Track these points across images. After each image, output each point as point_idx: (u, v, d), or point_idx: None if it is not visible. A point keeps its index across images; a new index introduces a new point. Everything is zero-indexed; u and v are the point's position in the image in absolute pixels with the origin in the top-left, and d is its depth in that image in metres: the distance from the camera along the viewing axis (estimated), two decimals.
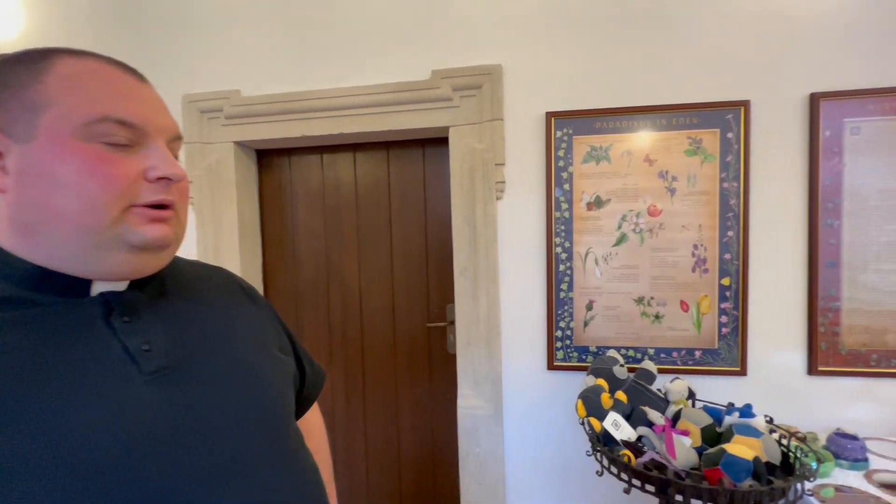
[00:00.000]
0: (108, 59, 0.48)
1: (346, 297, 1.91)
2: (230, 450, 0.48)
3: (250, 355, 0.57)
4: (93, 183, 0.43)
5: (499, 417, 1.60)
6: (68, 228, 0.43)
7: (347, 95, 1.64)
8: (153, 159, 0.47)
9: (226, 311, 0.59)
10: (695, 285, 1.48)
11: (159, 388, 0.46)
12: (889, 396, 1.40)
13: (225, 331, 0.56)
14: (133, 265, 0.47)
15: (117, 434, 0.41)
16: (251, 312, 0.64)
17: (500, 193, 1.58)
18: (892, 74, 1.36)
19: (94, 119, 0.43)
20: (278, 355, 0.63)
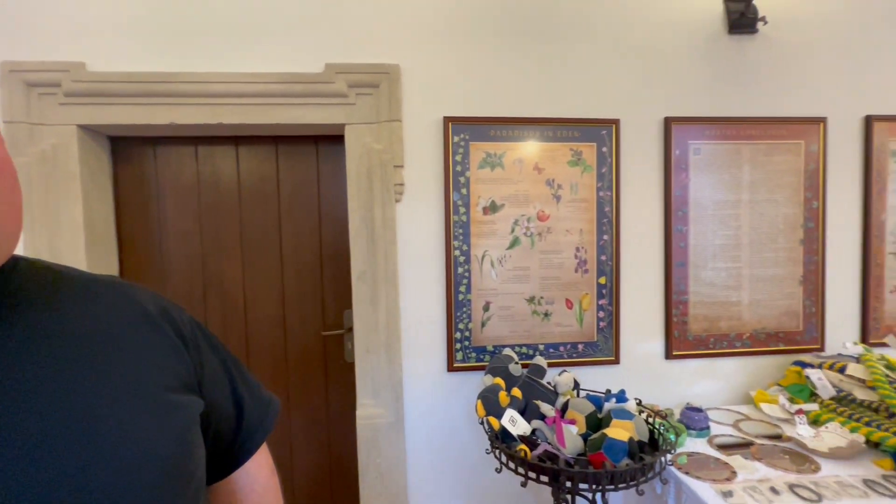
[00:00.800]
0: None
1: (228, 307, 1.71)
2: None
3: (112, 402, 0.42)
4: None
5: (400, 424, 1.57)
6: None
7: (229, 82, 1.47)
8: None
9: (95, 341, 0.44)
10: (577, 284, 1.62)
11: None
12: (723, 372, 1.69)
13: (82, 370, 0.41)
14: None
15: None
16: (143, 341, 0.47)
17: (398, 196, 1.55)
18: (720, 107, 1.65)
19: None
20: (170, 398, 0.47)
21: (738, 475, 1.19)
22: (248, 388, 0.61)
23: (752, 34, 1.65)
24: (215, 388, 0.55)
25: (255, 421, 0.61)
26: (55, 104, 1.44)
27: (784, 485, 1.14)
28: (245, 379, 0.61)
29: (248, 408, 0.60)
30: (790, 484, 1.14)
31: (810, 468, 1.21)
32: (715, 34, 1.64)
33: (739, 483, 1.16)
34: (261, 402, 0.62)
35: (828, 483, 1.14)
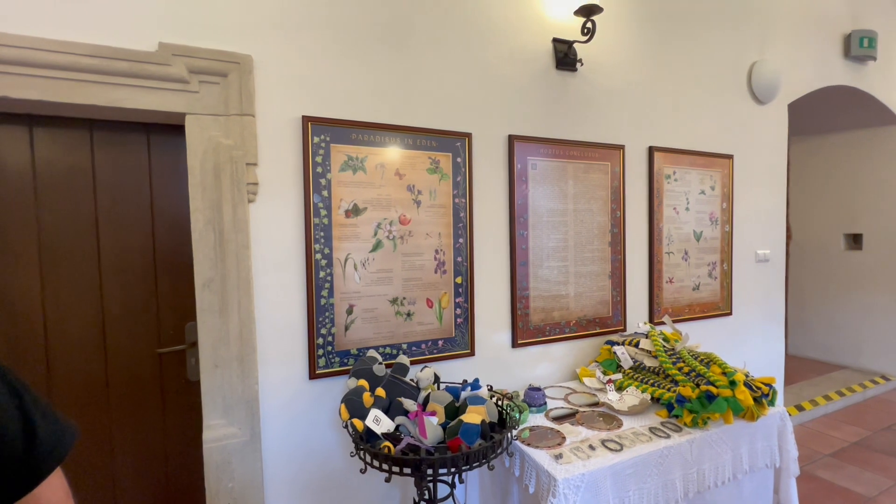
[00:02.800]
0: None
1: (18, 329, 1.36)
2: None
3: None
4: None
5: (256, 442, 1.46)
6: None
7: (21, 47, 1.18)
8: None
9: None
10: (437, 284, 1.73)
11: None
12: (557, 355, 1.99)
13: None
14: None
15: None
16: None
17: (252, 196, 1.45)
18: (553, 129, 1.95)
19: None
20: None
21: (566, 440, 1.42)
22: (40, 413, 0.59)
23: (574, 72, 1.98)
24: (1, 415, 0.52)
25: (48, 446, 0.59)
26: None
27: (598, 441, 1.40)
28: (36, 403, 0.59)
29: (41, 433, 0.58)
30: (602, 440, 1.41)
31: (616, 425, 1.51)
32: (546, 67, 1.93)
33: (567, 446, 1.38)
34: (56, 427, 0.60)
35: (626, 434, 1.44)
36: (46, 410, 0.60)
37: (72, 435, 0.62)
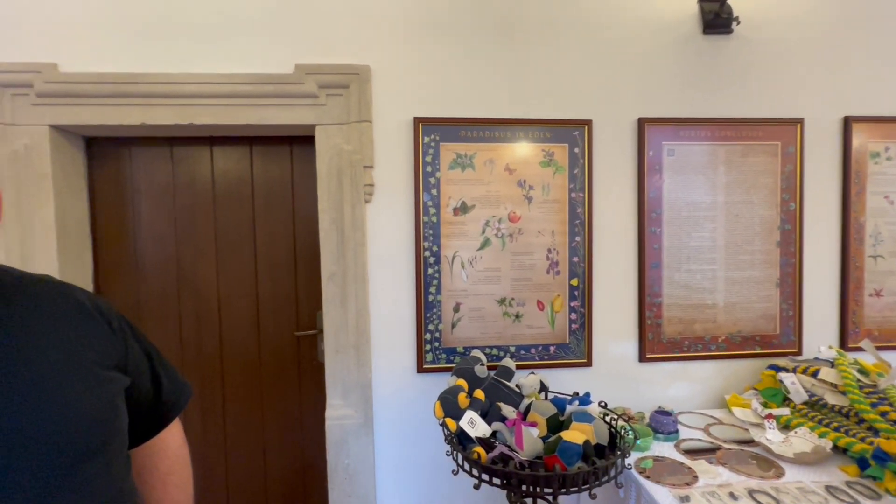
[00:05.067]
0: None
1: (202, 307, 1.71)
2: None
3: (54, 373, 0.54)
4: None
5: (369, 425, 1.57)
6: None
7: (199, 83, 1.48)
8: None
9: (39, 325, 0.57)
10: (549, 286, 1.61)
11: None
12: (697, 375, 1.67)
13: (28, 345, 0.54)
14: None
15: None
16: (78, 329, 0.60)
17: (368, 196, 1.55)
18: (695, 107, 1.64)
19: None
20: (100, 373, 0.60)
21: (699, 480, 1.17)
22: (166, 372, 0.75)
23: (727, 34, 1.63)
24: (137, 370, 0.68)
25: (171, 399, 0.75)
26: (28, 105, 1.46)
27: (744, 490, 1.12)
28: (163, 364, 0.75)
29: (166, 388, 0.74)
30: (750, 489, 1.12)
31: (774, 473, 1.19)
32: (689, 34, 1.63)
33: (699, 488, 1.14)
34: (177, 385, 0.77)
35: (789, 489, 1.12)
36: (170, 371, 0.77)
37: (188, 393, 0.80)
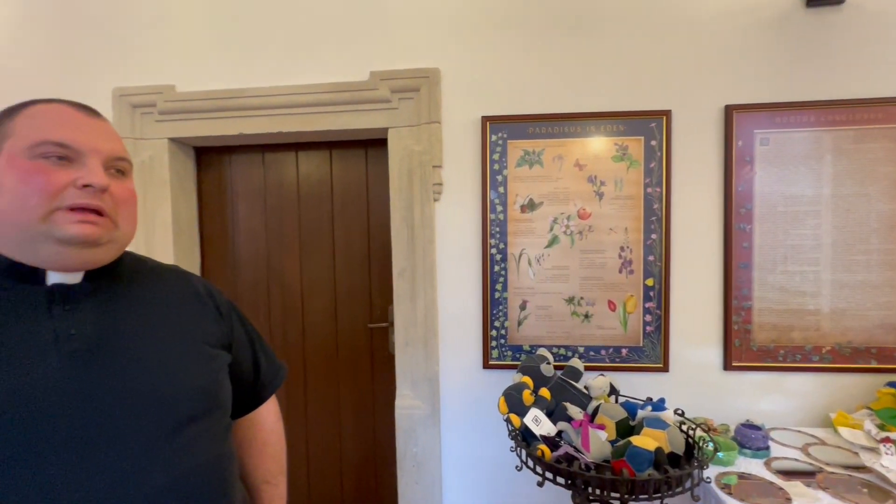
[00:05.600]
0: (69, 102, 0.62)
1: (287, 298, 1.88)
2: (110, 417, 0.56)
3: (172, 346, 0.65)
4: (24, 188, 0.55)
5: (436, 417, 1.62)
6: (6, 224, 0.56)
7: (286, 94, 1.63)
8: (83, 172, 0.57)
9: (165, 306, 0.68)
10: (621, 286, 1.54)
11: (73, 365, 0.56)
12: (795, 388, 1.50)
13: (156, 323, 0.65)
14: (64, 256, 0.57)
15: (21, 392, 0.52)
16: (191, 310, 0.71)
17: (437, 195, 1.60)
18: (795, 90, 1.47)
19: (37, 142, 0.56)
20: (208, 350, 0.69)
21: (792, 503, 1.06)
22: (265, 354, 0.85)
23: (837, 5, 1.44)
24: (240, 350, 0.78)
25: (268, 378, 0.86)
26: (152, 121, 1.71)
27: None
28: (263, 347, 0.85)
29: (264, 368, 0.84)
30: None
31: None
32: (789, 8, 1.47)
33: None
34: (273, 366, 0.87)
35: None
36: (268, 353, 0.86)
37: (283, 374, 0.90)
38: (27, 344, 0.55)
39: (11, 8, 1.73)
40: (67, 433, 0.53)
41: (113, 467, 0.54)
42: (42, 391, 0.53)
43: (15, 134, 0.57)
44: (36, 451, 0.51)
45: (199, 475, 0.62)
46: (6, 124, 0.58)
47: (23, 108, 0.60)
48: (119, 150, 0.63)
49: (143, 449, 0.57)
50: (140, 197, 1.70)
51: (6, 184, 0.55)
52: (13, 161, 0.56)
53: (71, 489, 0.52)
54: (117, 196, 0.61)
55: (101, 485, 0.53)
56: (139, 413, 0.58)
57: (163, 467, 0.58)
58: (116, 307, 0.63)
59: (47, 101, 0.61)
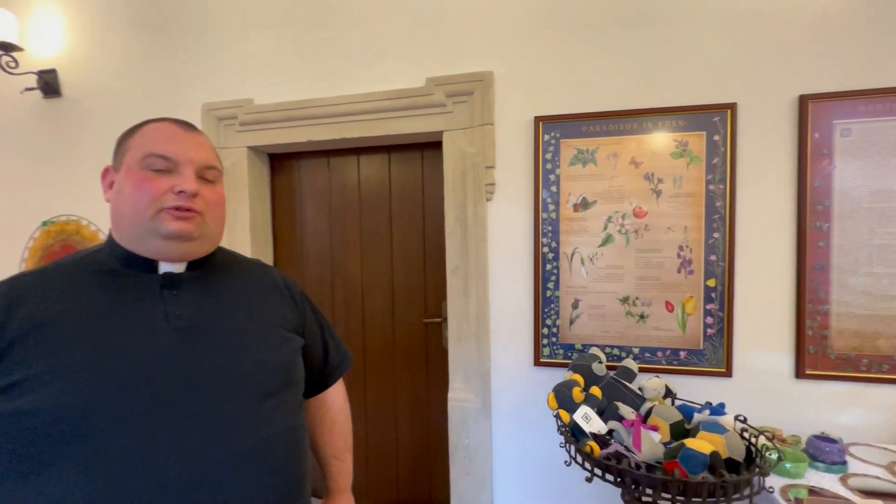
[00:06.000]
0: (173, 120, 0.74)
1: (349, 293, 2.01)
2: (207, 386, 0.66)
3: (254, 329, 0.75)
4: (137, 194, 0.67)
5: (487, 411, 1.66)
6: (126, 224, 0.68)
7: (348, 103, 1.75)
8: (179, 179, 0.68)
9: (249, 294, 0.79)
10: (680, 286, 1.50)
11: (179, 339, 0.67)
12: (880, 402, 1.37)
13: (242, 308, 0.76)
14: (168, 249, 0.69)
15: (137, 359, 0.63)
16: (271, 298, 0.82)
17: (489, 195, 1.64)
18: (883, 75, 1.35)
19: (145, 155, 0.68)
20: (284, 333, 0.79)
21: None
22: (333, 341, 0.95)
23: None
24: (312, 336, 0.88)
25: (336, 363, 0.95)
26: (234, 132, 1.91)
27: None
28: (332, 335, 0.95)
29: (332, 353, 0.94)
30: None
31: None
32: None
33: None
34: (340, 352, 0.97)
35: None
36: (336, 340, 0.96)
37: (349, 360, 0.99)
38: (144, 320, 0.66)
39: (120, 38, 2.01)
40: (173, 395, 0.63)
41: (208, 428, 0.63)
42: (156, 358, 0.64)
43: (132, 148, 0.69)
44: (147, 408, 0.61)
45: (277, 442, 0.71)
46: (127, 141, 0.71)
47: (139, 128, 0.72)
48: (209, 160, 0.73)
49: (232, 414, 0.66)
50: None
51: (125, 190, 0.68)
52: (129, 171, 0.68)
53: (173, 444, 0.61)
54: (207, 199, 0.71)
55: (198, 442, 0.62)
56: (229, 384, 0.67)
57: (248, 432, 0.67)
58: (212, 293, 0.74)
59: (157, 120, 0.73)
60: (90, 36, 2.06)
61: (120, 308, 0.66)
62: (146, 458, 0.59)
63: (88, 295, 0.66)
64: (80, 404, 0.57)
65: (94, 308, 0.64)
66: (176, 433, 0.61)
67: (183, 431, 0.62)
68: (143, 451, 0.59)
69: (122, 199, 0.68)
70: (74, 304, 0.64)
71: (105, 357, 0.61)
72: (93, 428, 0.57)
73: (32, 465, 0.55)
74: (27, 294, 0.63)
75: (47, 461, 0.55)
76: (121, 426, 0.59)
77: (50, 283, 0.66)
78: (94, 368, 0.60)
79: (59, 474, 0.55)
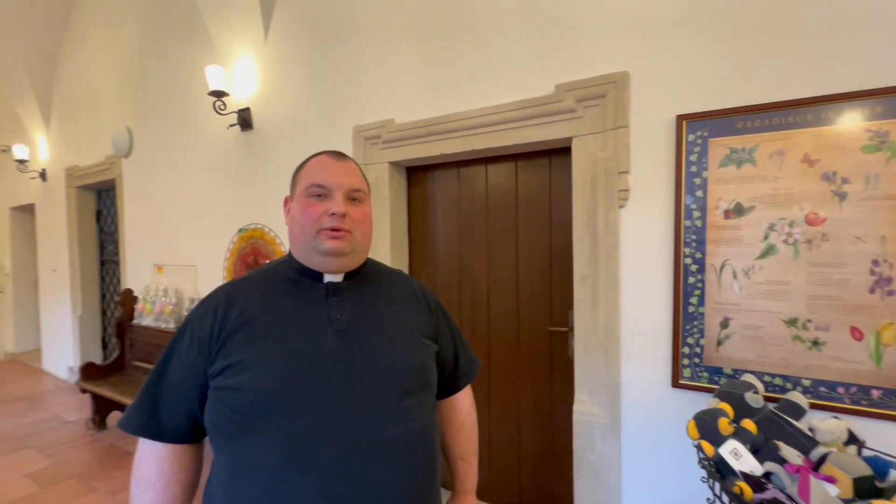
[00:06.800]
0: (331, 152, 0.86)
1: (476, 297, 2.10)
2: (360, 381, 0.75)
3: (397, 334, 0.84)
4: (303, 218, 0.80)
5: (616, 428, 1.58)
6: (298, 242, 0.81)
7: (478, 116, 1.83)
8: (331, 203, 0.79)
9: (393, 302, 0.88)
10: (873, 309, 1.22)
11: (339, 339, 0.77)
12: None
13: (387, 314, 0.85)
14: (327, 263, 0.80)
15: (311, 354, 0.75)
16: (411, 307, 0.90)
17: (622, 202, 1.56)
18: None
19: (308, 185, 0.81)
20: (422, 339, 0.86)
21: None
22: (463, 348, 1.01)
23: None
24: (444, 343, 0.94)
25: (465, 369, 1.00)
26: (377, 149, 2.15)
27: None
28: (462, 342, 1.02)
29: (462, 360, 0.99)
30: None
31: None
32: None
33: None
34: (469, 359, 1.02)
35: None
36: (466, 348, 1.03)
37: (478, 367, 1.05)
38: (314, 322, 0.78)
39: (294, 80, 2.42)
40: (335, 386, 0.73)
41: (361, 418, 0.73)
42: (322, 354, 0.75)
43: (300, 180, 0.83)
44: (316, 395, 0.71)
45: (415, 436, 0.79)
46: (297, 174, 0.85)
47: (305, 163, 0.86)
48: (356, 184, 0.82)
49: (380, 408, 0.75)
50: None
51: (296, 215, 0.81)
52: (298, 199, 0.81)
53: (335, 427, 0.70)
54: (355, 218, 0.81)
55: (351, 429, 0.71)
56: (377, 380, 0.76)
57: (392, 424, 0.76)
58: (364, 300, 0.84)
59: (317, 154, 0.86)
60: (274, 79, 2.53)
61: (298, 311, 0.79)
62: (316, 437, 0.70)
63: (276, 299, 0.80)
64: (268, 388, 0.70)
65: (280, 310, 0.79)
66: (337, 418, 0.71)
67: (343, 417, 0.72)
68: (314, 430, 0.70)
69: (294, 223, 0.82)
70: (267, 306, 0.79)
71: (287, 351, 0.74)
72: (277, 407, 0.70)
73: (240, 430, 0.70)
74: (237, 297, 0.79)
75: (251, 428, 0.70)
76: (297, 408, 0.71)
77: (251, 288, 0.82)
78: (279, 360, 0.73)
79: (256, 440, 0.69)
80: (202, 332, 0.76)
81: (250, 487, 0.69)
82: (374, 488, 0.71)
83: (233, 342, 0.74)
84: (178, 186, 3.16)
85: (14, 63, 4.00)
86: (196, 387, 0.75)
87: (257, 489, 0.68)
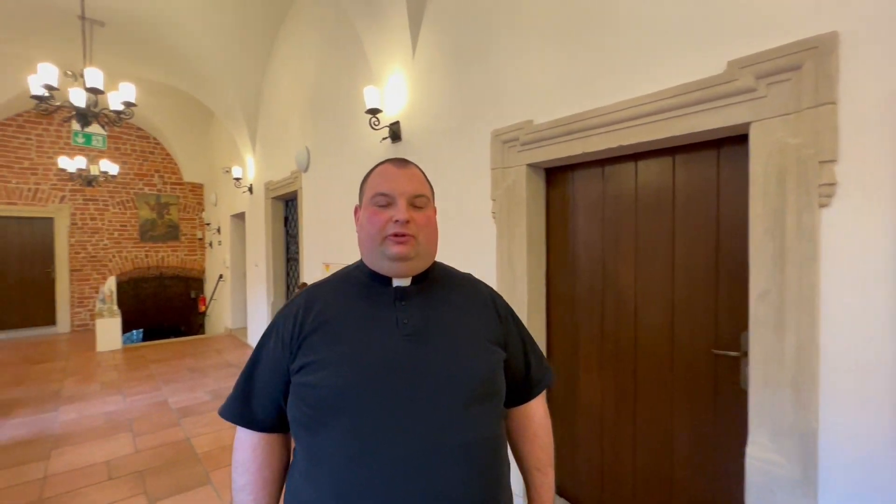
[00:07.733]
0: (393, 160, 0.88)
1: (621, 309, 1.90)
2: (427, 385, 0.76)
3: (464, 339, 0.83)
4: (370, 226, 0.83)
5: (810, 486, 1.24)
6: (366, 249, 0.85)
7: (626, 108, 1.65)
8: (395, 211, 0.81)
9: (461, 307, 0.88)
10: None
11: (407, 343, 0.79)
12: None
13: (454, 319, 0.85)
14: (394, 268, 0.83)
15: (380, 356, 0.78)
16: (480, 312, 0.88)
17: (825, 199, 1.22)
18: None
19: (373, 195, 0.84)
20: (489, 345, 0.85)
21: None
22: (535, 356, 0.96)
23: None
24: (514, 350, 0.91)
25: (537, 378, 0.95)
26: (515, 152, 2.11)
27: None
28: (535, 350, 0.96)
29: (534, 368, 0.95)
30: None
31: None
32: None
33: None
34: (542, 367, 0.97)
35: None
36: (538, 356, 0.97)
37: (551, 376, 0.98)
38: (384, 325, 0.80)
39: (436, 93, 2.55)
40: (402, 388, 0.75)
41: (427, 423, 0.73)
42: (391, 357, 0.77)
43: (367, 190, 0.86)
44: (385, 395, 0.74)
45: (481, 445, 0.77)
46: (364, 185, 0.88)
47: (370, 173, 0.88)
48: (417, 190, 0.84)
49: (447, 413, 0.75)
50: (505, 215, 2.14)
51: (363, 223, 0.84)
52: (366, 208, 0.85)
53: (402, 427, 0.72)
54: (418, 223, 0.82)
55: (420, 431, 0.73)
56: (445, 386, 0.76)
57: (459, 431, 0.75)
58: (432, 305, 0.84)
59: (380, 164, 0.88)
60: (420, 92, 2.71)
61: (370, 314, 0.82)
62: (385, 436, 0.72)
63: (350, 302, 0.84)
64: (342, 385, 0.75)
65: (354, 312, 0.82)
66: (404, 420, 0.73)
67: (409, 419, 0.73)
68: (384, 430, 0.72)
69: (362, 230, 0.85)
70: (342, 308, 0.83)
71: (360, 352, 0.78)
72: (350, 405, 0.74)
73: (315, 424, 0.75)
74: (315, 300, 0.85)
75: (327, 422, 0.74)
76: (368, 407, 0.74)
77: (329, 291, 0.87)
78: (353, 360, 0.77)
79: (331, 434, 0.74)
80: (285, 332, 0.82)
81: (325, 478, 0.73)
82: (440, 491, 0.71)
83: (311, 342, 0.80)
84: (343, 196, 3.63)
85: (234, 103, 5.16)
86: (281, 383, 0.82)
87: (331, 480, 0.72)
